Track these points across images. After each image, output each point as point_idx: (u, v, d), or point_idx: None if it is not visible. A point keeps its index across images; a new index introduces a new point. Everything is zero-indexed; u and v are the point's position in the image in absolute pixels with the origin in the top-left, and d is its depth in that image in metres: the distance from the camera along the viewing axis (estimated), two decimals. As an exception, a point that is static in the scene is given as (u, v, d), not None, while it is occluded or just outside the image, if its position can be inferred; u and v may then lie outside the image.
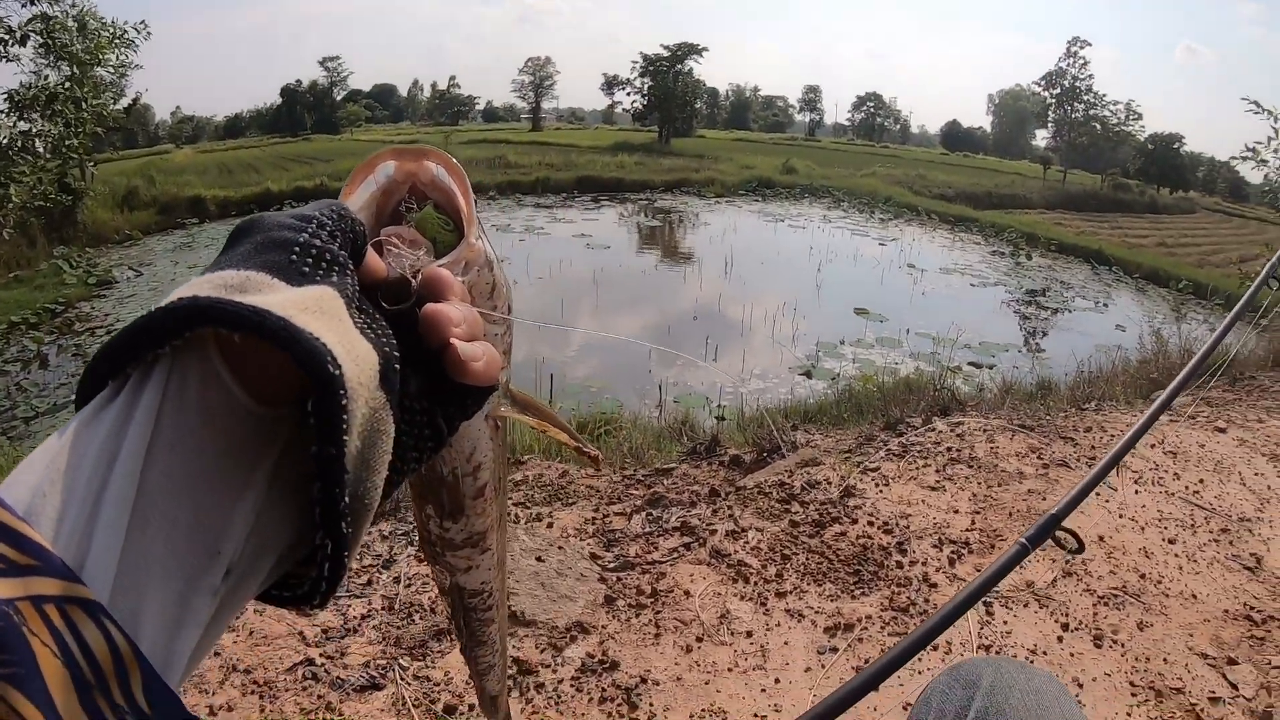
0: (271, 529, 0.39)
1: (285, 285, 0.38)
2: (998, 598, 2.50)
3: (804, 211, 27.33)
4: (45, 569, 0.30)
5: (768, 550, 2.68)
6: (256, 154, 42.16)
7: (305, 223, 0.41)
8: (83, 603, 0.30)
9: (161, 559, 0.34)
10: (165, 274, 14.82)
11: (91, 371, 0.36)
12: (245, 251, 0.39)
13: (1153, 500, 3.19)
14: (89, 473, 0.33)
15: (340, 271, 0.41)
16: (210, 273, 0.38)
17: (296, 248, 0.40)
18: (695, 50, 55.95)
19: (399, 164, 0.52)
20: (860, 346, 10.77)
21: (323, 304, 0.38)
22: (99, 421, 0.35)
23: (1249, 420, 4.28)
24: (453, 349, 0.44)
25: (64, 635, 0.29)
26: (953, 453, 3.52)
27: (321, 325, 0.37)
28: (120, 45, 17.62)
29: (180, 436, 0.35)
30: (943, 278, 17.43)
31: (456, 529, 0.68)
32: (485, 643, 0.85)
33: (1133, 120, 60.74)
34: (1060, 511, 1.35)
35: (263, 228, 0.41)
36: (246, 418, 0.38)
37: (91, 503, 0.32)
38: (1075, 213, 37.13)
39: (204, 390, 0.36)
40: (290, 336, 0.35)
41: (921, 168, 46.73)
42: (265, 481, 0.38)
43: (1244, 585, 2.67)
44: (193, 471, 0.35)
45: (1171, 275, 18.29)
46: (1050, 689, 0.92)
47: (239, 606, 0.40)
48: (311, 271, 0.39)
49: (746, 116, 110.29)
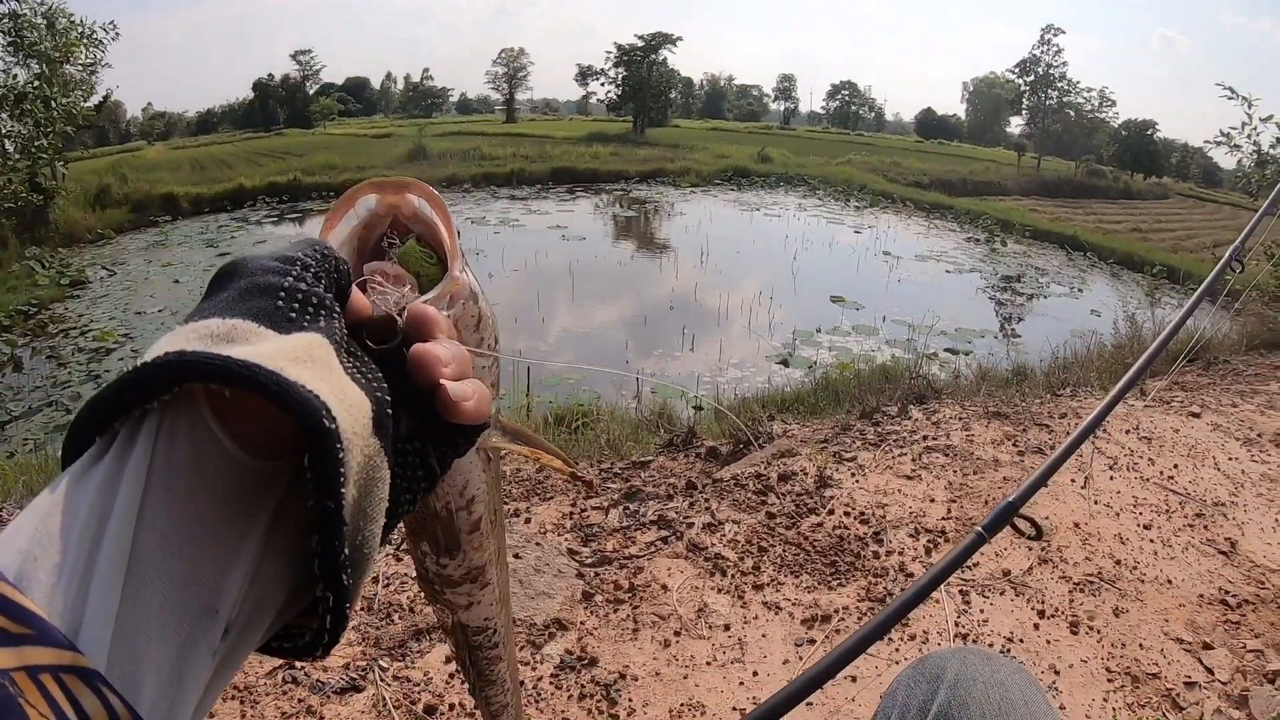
0: (270, 583, 0.38)
1: (273, 333, 0.37)
2: (974, 586, 2.52)
3: (779, 200, 27.40)
4: (40, 638, 0.29)
5: (745, 543, 2.68)
6: (229, 149, 41.88)
7: (289, 265, 0.40)
8: (80, 671, 0.29)
9: (159, 621, 0.33)
10: (139, 273, 14.71)
11: (77, 428, 0.36)
12: (229, 298, 0.38)
13: (1127, 486, 3.21)
14: (80, 534, 0.32)
15: (327, 315, 0.40)
16: (194, 320, 0.37)
17: (282, 293, 0.39)
18: (669, 40, 55.89)
19: (380, 197, 0.51)
20: (837, 334, 10.83)
21: (312, 352, 0.37)
22: (88, 480, 0.34)
23: (1223, 404, 4.31)
24: (443, 390, 0.43)
25: (61, 705, 0.28)
26: (928, 441, 3.54)
27: (312, 375, 0.36)
28: (89, 45, 17.47)
29: (172, 493, 0.34)
30: (918, 265, 17.54)
31: (454, 565, 0.67)
32: (495, 682, 0.84)
33: (1106, 107, 61.12)
34: (1017, 500, 1.36)
35: (246, 272, 0.40)
36: (240, 471, 0.37)
37: (84, 565, 0.32)
38: (1050, 199, 37.38)
39: (194, 445, 0.36)
40: (283, 390, 0.34)
41: (896, 155, 46.84)
42: (262, 535, 0.37)
43: (1219, 570, 2.69)
44: (187, 529, 0.35)
45: (1146, 260, 18.45)
46: (1015, 680, 0.92)
47: (238, 664, 0.39)
48: (299, 317, 0.39)
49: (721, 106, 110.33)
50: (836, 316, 11.72)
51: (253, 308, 0.38)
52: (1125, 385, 1.70)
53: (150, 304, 12.25)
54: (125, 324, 11.22)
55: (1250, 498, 3.21)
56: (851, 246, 19.05)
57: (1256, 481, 3.34)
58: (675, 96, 68.95)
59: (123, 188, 21.48)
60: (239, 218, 21.13)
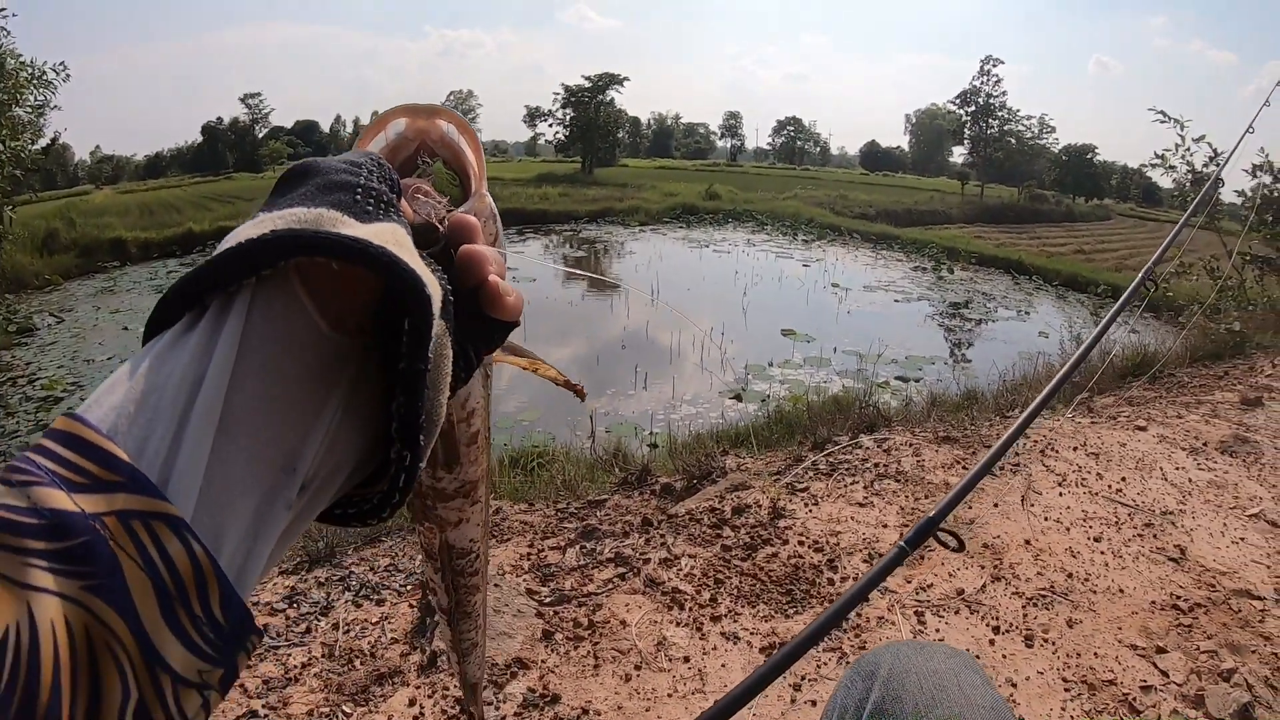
0: (343, 448, 0.41)
1: (356, 222, 0.39)
2: (929, 606, 2.56)
3: (728, 236, 27.64)
4: (131, 485, 0.32)
5: (701, 576, 2.71)
6: (178, 194, 41.59)
7: (358, 168, 0.43)
8: (167, 518, 0.32)
9: (243, 476, 0.36)
10: (87, 319, 14.49)
11: (167, 304, 0.38)
12: (308, 192, 0.40)
13: (1076, 501, 3.28)
14: (174, 392, 0.35)
15: (397, 213, 0.43)
16: (275, 210, 0.39)
17: (358, 190, 0.41)
18: (616, 80, 56.32)
19: (411, 121, 0.54)
20: (788, 367, 10.89)
21: (398, 238, 0.40)
22: (181, 347, 0.36)
23: (1169, 417, 4.41)
24: (491, 285, 0.46)
25: (148, 549, 0.31)
26: (880, 468, 3.59)
27: (406, 256, 0.39)
28: (39, 86, 17.22)
29: (264, 360, 0.37)
30: (867, 295, 17.73)
31: (450, 478, 0.67)
32: (470, 614, 0.84)
33: (1047, 133, 62.47)
34: (937, 515, 1.41)
35: (319, 171, 0.42)
36: (323, 342, 0.40)
37: (176, 423, 0.34)
38: (994, 225, 38.07)
39: (287, 318, 0.39)
40: (394, 262, 0.37)
41: (842, 188, 47.67)
42: (339, 403, 0.41)
43: (1169, 576, 2.76)
44: (275, 394, 0.38)
45: (1090, 280, 18.74)
46: (948, 667, 0.93)
47: (308, 522, 0.42)
48: (375, 211, 0.41)
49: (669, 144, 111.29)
50: (788, 349, 11.78)
51: (333, 200, 0.40)
52: (1039, 404, 1.76)
53: (99, 351, 12.03)
54: (74, 372, 11.01)
55: (1198, 505, 3.28)
56: (800, 280, 19.20)
57: (1204, 489, 3.42)
58: (623, 136, 69.40)
59: (71, 233, 21.34)
60: (188, 263, 20.63)
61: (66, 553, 0.30)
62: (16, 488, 0.31)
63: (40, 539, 0.30)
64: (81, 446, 0.32)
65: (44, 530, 0.30)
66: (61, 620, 0.29)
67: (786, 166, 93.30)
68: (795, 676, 2.24)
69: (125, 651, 0.31)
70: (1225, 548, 2.96)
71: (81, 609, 0.30)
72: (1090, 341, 2.04)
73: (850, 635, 2.42)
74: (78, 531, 0.30)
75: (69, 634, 0.29)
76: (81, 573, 0.30)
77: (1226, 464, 3.71)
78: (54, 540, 0.30)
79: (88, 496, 0.31)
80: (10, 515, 0.30)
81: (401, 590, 2.67)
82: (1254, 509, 3.25)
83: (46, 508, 0.30)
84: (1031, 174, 59.76)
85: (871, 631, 2.44)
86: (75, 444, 0.32)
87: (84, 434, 0.32)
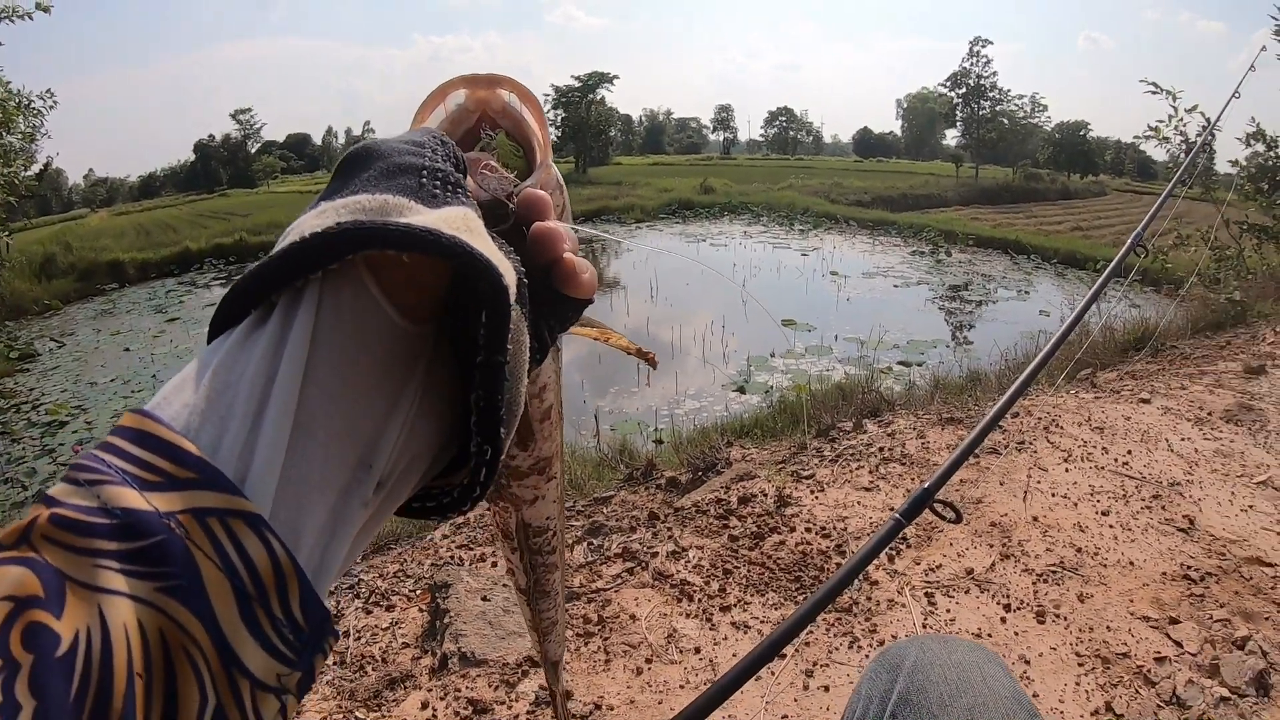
0: (419, 441, 0.41)
1: (423, 208, 0.38)
2: (939, 587, 2.55)
3: (724, 229, 27.61)
4: (206, 482, 0.31)
5: (709, 567, 2.70)
6: (173, 213, 41.69)
7: (422, 147, 0.41)
8: (245, 516, 0.31)
9: (320, 472, 0.35)
10: (88, 343, 14.49)
11: (233, 301, 0.37)
12: (372, 177, 0.39)
13: (1083, 476, 3.27)
14: (248, 389, 0.34)
15: (465, 194, 0.41)
16: (339, 198, 0.38)
17: (424, 172, 0.40)
18: (606, 79, 56.33)
19: (470, 93, 0.53)
20: (790, 357, 10.88)
21: (469, 223, 0.39)
22: (253, 343, 0.36)
23: (1172, 389, 4.40)
24: (566, 262, 0.45)
25: (226, 548, 0.31)
26: (885, 452, 3.59)
27: (485, 247, 0.38)
28: (27, 114, 17.20)
29: (337, 355, 0.37)
30: (866, 282, 17.71)
31: (524, 456, 0.65)
32: (549, 593, 0.84)
33: (1039, 112, 62.43)
34: (932, 485, 1.40)
35: (383, 154, 0.40)
36: (397, 334, 0.39)
37: (252, 419, 0.33)
38: (990, 206, 38.04)
39: (358, 310, 0.38)
40: (466, 251, 0.36)
41: (837, 176, 47.63)
42: (415, 395, 0.40)
43: (1179, 547, 2.75)
44: (349, 389, 0.37)
45: (1088, 257, 18.72)
46: (973, 658, 0.94)
47: (385, 518, 0.41)
48: (443, 194, 0.39)
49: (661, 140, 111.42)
50: (789, 340, 11.77)
51: (399, 184, 0.38)
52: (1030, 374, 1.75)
53: (102, 374, 12.02)
54: (78, 396, 10.98)
55: (1205, 474, 3.27)
56: (799, 269, 19.19)
57: (1210, 459, 3.42)
58: (615, 134, 69.40)
59: (68, 257, 21.35)
60: (186, 282, 20.92)
61: (140, 553, 0.29)
62: (84, 487, 0.30)
63: (111, 539, 0.29)
64: (154, 443, 0.32)
65: (115, 530, 0.29)
66: (135, 624, 0.28)
67: (780, 157, 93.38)
68: (807, 663, 2.24)
69: (202, 656, 0.30)
70: (1234, 516, 2.95)
71: (156, 611, 0.29)
72: (1083, 306, 2.04)
73: (861, 619, 2.42)
74: (152, 531, 0.30)
75: (143, 638, 0.29)
76: (156, 574, 0.29)
77: (1232, 433, 3.71)
78: (126, 540, 0.29)
79: (162, 494, 0.30)
80: (79, 515, 0.29)
81: (411, 595, 2.67)
82: (1261, 476, 3.25)
83: (118, 507, 0.30)
84: (1025, 153, 59.78)
85: (882, 614, 2.44)
86: (147, 441, 0.32)
87: (156, 430, 0.32)
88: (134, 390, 10.92)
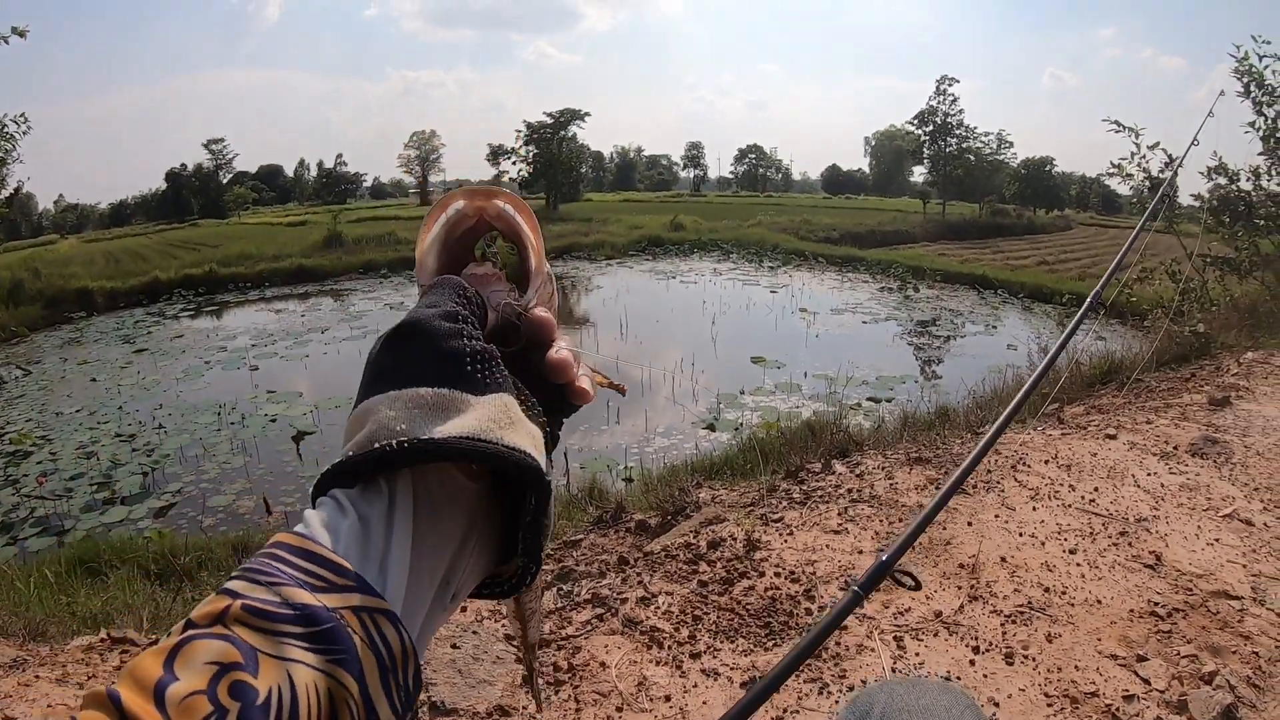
0: (477, 562, 0.55)
1: (473, 396, 0.50)
2: (907, 631, 2.55)
3: (694, 266, 27.74)
4: (360, 589, 0.43)
5: (679, 613, 2.69)
6: (143, 241, 41.54)
7: (459, 323, 0.52)
8: (387, 614, 0.43)
9: (422, 588, 0.48)
10: (55, 371, 14.40)
11: (340, 474, 0.48)
12: (429, 369, 0.50)
13: (1050, 514, 3.29)
14: (379, 533, 0.46)
15: (498, 366, 0.52)
16: (400, 389, 0.50)
17: (468, 357, 0.51)
18: (578, 115, 56.64)
19: (468, 201, 0.62)
20: (760, 394, 10.91)
21: (509, 413, 0.51)
22: (372, 504, 0.47)
23: (1138, 423, 4.45)
24: (578, 387, 0.59)
25: (374, 634, 0.42)
26: (853, 494, 3.59)
27: (522, 437, 0.50)
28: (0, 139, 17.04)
29: (431, 511, 0.49)
30: (835, 318, 17.84)
31: None
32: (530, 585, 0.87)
33: (1005, 148, 63.23)
34: (891, 557, 1.41)
35: (429, 336, 0.51)
36: (466, 492, 0.53)
37: (382, 551, 0.46)
38: (958, 242, 38.43)
39: (443, 481, 0.51)
40: (523, 464, 0.49)
41: (805, 213, 48.01)
42: (478, 531, 0.54)
43: (1146, 583, 2.77)
44: (438, 534, 0.50)
45: (1055, 291, 18.90)
46: (942, 701, 0.95)
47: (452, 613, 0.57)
48: (483, 376, 0.51)
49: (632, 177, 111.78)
50: (759, 377, 11.80)
51: (450, 375, 0.50)
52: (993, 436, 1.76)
53: (68, 404, 11.89)
54: (43, 425, 10.86)
55: (1171, 509, 3.30)
56: (768, 306, 19.31)
57: (1176, 493, 3.45)
58: (586, 171, 69.70)
59: (36, 284, 21.30)
60: (155, 312, 20.84)
61: (316, 635, 0.40)
62: (267, 587, 0.41)
63: (294, 625, 0.40)
64: (317, 559, 0.43)
65: (297, 619, 0.40)
66: (313, 684, 0.39)
67: (750, 194, 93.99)
68: (778, 710, 2.22)
69: (352, 709, 0.41)
70: (1200, 550, 2.98)
71: (327, 676, 0.40)
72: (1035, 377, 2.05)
73: (830, 664, 2.41)
74: (324, 620, 0.40)
75: (317, 694, 0.39)
76: (328, 650, 0.40)
77: (1198, 466, 3.75)
78: (305, 626, 0.40)
79: (327, 595, 0.42)
80: (269, 607, 0.40)
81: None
82: (1227, 509, 3.28)
83: (298, 602, 0.40)
84: (992, 189, 60.38)
85: (851, 659, 2.43)
86: (311, 557, 0.43)
87: (318, 550, 0.44)
88: (100, 421, 10.80)
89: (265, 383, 12.47)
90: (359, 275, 26.26)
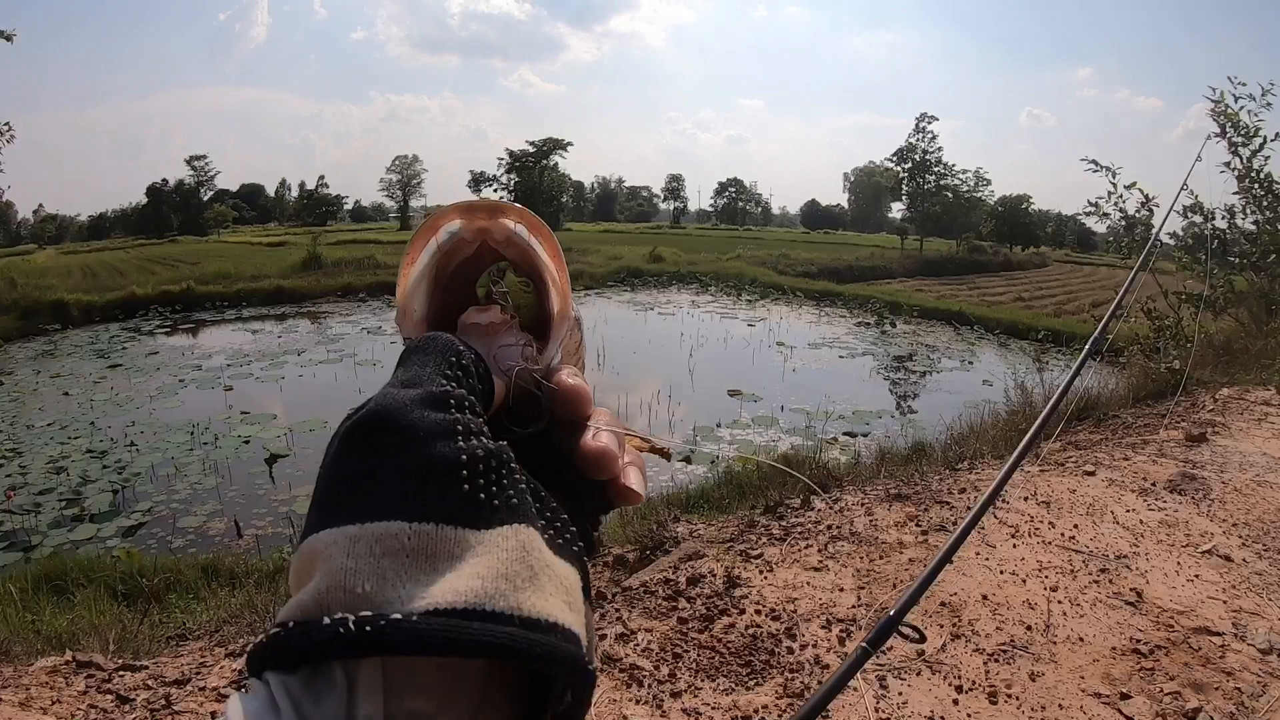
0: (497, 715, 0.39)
1: (474, 532, 0.35)
2: (890, 670, 2.53)
3: (673, 298, 27.85)
4: None
5: (659, 650, 2.66)
6: (121, 256, 41.38)
7: (451, 411, 0.37)
8: None
9: None
10: (27, 384, 14.21)
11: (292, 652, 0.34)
12: (403, 488, 0.35)
13: (1031, 552, 3.28)
14: None
15: (511, 478, 0.37)
16: (356, 525, 0.35)
17: (465, 469, 0.36)
18: (560, 145, 57.13)
19: (467, 222, 0.47)
20: (737, 427, 10.91)
21: (530, 557, 0.36)
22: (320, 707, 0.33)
23: (1115, 459, 4.46)
24: (620, 484, 0.44)
25: None
26: (833, 530, 3.57)
27: (549, 600, 0.36)
28: (-17, 146, 17.00)
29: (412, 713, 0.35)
30: (812, 352, 17.91)
31: None
32: None
33: (982, 186, 63.90)
34: (898, 613, 1.39)
35: (406, 438, 0.36)
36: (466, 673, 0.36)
37: None
38: (934, 278, 38.74)
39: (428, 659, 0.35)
40: (551, 656, 0.34)
41: (784, 247, 48.40)
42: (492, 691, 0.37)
43: (1128, 620, 2.76)
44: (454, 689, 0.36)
45: (1030, 327, 19.17)
46: None
47: None
48: (489, 497, 0.36)
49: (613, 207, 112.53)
50: (735, 410, 11.81)
51: (437, 501, 0.35)
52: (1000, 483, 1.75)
53: (39, 417, 11.72)
54: (13, 438, 10.68)
55: (1151, 545, 3.31)
56: (746, 339, 19.38)
57: (1155, 529, 3.45)
58: (567, 200, 70.13)
59: (12, 293, 21.23)
60: (131, 328, 20.61)
61: None
62: None
63: None
64: None
65: None
66: None
67: (729, 227, 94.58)
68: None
69: None
70: (1181, 586, 2.98)
71: None
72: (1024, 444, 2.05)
73: (812, 706, 2.38)
74: None
75: None
76: None
77: (1176, 502, 3.76)
78: None
79: None
80: None
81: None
82: (1206, 545, 3.29)
83: None
84: (969, 226, 60.99)
85: (835, 700, 2.40)
86: None
87: None
88: (71, 436, 10.62)
89: (239, 403, 12.33)
90: (337, 298, 26.13)
